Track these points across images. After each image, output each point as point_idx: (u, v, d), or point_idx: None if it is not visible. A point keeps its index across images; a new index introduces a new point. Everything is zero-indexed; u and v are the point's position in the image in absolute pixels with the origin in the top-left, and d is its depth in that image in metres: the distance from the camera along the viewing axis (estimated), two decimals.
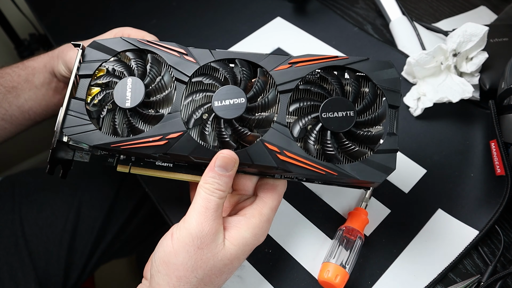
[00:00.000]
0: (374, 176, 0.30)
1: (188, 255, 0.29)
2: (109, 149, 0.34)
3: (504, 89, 0.43)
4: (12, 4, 0.91)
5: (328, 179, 0.33)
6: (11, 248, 0.59)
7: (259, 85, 0.33)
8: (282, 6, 0.64)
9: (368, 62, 0.33)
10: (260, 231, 0.32)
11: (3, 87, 0.49)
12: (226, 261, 0.31)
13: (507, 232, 0.41)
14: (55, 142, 0.34)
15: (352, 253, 0.37)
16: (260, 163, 0.31)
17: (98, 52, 0.36)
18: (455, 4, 0.64)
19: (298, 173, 0.31)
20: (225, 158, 0.30)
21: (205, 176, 0.31)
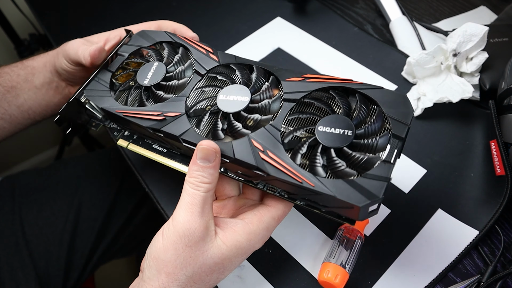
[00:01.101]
0: (354, 198, 0.27)
1: (176, 252, 0.29)
2: (113, 115, 0.36)
3: (504, 89, 0.43)
4: (12, 4, 0.91)
5: (306, 194, 0.30)
6: (12, 248, 0.59)
7: (265, 88, 0.34)
8: (282, 6, 0.64)
9: (382, 91, 0.31)
10: (256, 237, 0.31)
11: (1, 87, 0.49)
12: (217, 260, 0.30)
13: (507, 232, 0.41)
14: (73, 97, 0.38)
15: (352, 253, 0.37)
16: (240, 158, 0.30)
17: (141, 39, 0.41)
18: (455, 4, 0.64)
19: (275, 178, 0.30)
20: (205, 149, 0.30)
21: (189, 171, 0.31)
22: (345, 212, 0.29)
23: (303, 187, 0.28)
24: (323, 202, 0.30)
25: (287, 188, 0.31)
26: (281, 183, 0.30)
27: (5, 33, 0.96)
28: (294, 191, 0.30)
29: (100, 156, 0.72)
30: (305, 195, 0.30)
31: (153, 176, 0.47)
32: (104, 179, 0.67)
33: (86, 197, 0.64)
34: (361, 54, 0.57)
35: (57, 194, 0.64)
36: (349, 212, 0.29)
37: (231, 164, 0.32)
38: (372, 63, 0.55)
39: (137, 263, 1.05)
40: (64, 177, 0.66)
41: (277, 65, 0.56)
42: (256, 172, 0.30)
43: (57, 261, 0.60)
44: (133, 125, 0.36)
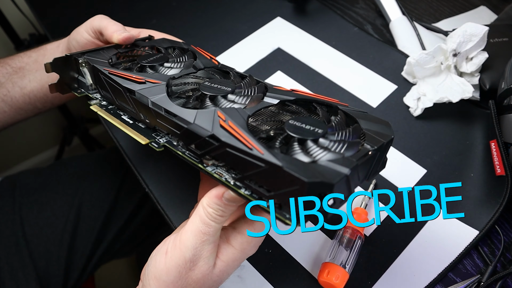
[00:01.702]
0: (302, 173, 0.24)
1: (179, 275, 0.29)
2: (100, 76, 0.37)
3: (504, 89, 0.43)
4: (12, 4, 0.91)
5: (253, 173, 0.27)
6: (12, 248, 0.59)
7: (247, 81, 0.34)
8: (282, 6, 0.64)
9: (366, 115, 0.31)
10: (249, 246, 0.31)
11: (10, 67, 0.49)
12: (215, 278, 0.31)
13: (507, 232, 0.41)
14: (74, 53, 0.39)
15: (352, 253, 0.37)
16: (199, 123, 0.29)
17: (160, 42, 0.44)
18: (455, 4, 0.64)
19: (225, 146, 0.27)
20: (234, 197, 0.29)
21: (210, 200, 0.29)
22: (286, 184, 0.25)
23: (251, 156, 0.26)
24: (268, 185, 0.26)
25: (235, 165, 0.28)
26: (231, 157, 0.27)
27: (5, 33, 0.96)
28: (241, 169, 0.28)
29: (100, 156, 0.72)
30: (252, 174, 0.27)
31: (153, 176, 0.47)
32: (104, 179, 0.67)
33: (86, 197, 0.64)
34: (361, 54, 0.57)
35: (57, 194, 0.64)
36: (289, 184, 0.25)
37: (183, 135, 0.31)
38: (372, 63, 0.55)
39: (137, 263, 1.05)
40: (64, 177, 0.66)
41: (277, 65, 0.56)
42: (208, 141, 0.28)
43: (57, 261, 0.60)
44: (114, 87, 0.35)
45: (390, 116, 0.50)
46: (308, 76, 0.55)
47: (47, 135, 1.25)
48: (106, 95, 0.38)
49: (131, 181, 0.67)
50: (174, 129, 0.31)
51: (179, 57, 0.40)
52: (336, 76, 0.54)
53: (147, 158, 0.49)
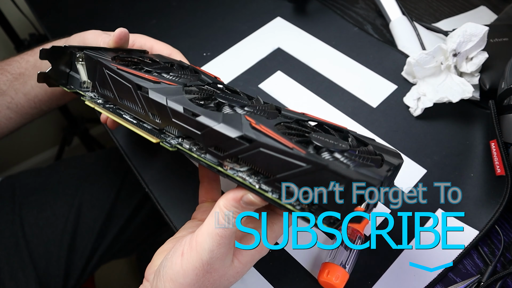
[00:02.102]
0: (344, 171, 0.24)
1: (196, 277, 0.29)
2: (106, 66, 0.35)
3: (504, 89, 0.43)
4: (12, 4, 0.91)
5: (285, 170, 0.26)
6: (12, 249, 0.59)
7: (257, 99, 0.34)
8: (282, 6, 0.64)
9: (373, 141, 0.31)
10: (265, 250, 0.32)
11: (10, 74, 0.48)
12: (231, 279, 0.31)
13: (507, 232, 0.41)
14: (72, 46, 0.38)
15: (352, 253, 0.37)
16: (227, 124, 0.28)
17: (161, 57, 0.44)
18: (455, 4, 0.64)
19: (259, 146, 0.26)
20: (252, 201, 0.28)
21: (227, 202, 0.29)
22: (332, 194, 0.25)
23: (291, 156, 0.25)
24: (306, 185, 0.26)
25: (266, 167, 0.27)
26: (263, 158, 0.27)
27: (5, 33, 0.96)
28: (274, 171, 0.27)
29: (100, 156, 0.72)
30: (289, 175, 0.26)
31: (153, 176, 0.47)
32: (104, 179, 0.67)
33: (86, 198, 0.64)
34: (361, 54, 0.57)
35: (57, 194, 0.64)
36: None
37: (205, 136, 0.29)
38: (372, 63, 0.55)
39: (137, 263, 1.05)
40: (64, 177, 0.66)
41: (277, 65, 0.56)
42: (238, 141, 0.27)
43: (57, 261, 0.60)
44: (120, 84, 0.34)
45: (390, 116, 0.50)
46: (308, 76, 0.55)
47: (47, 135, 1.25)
48: (105, 93, 0.37)
49: (131, 181, 0.67)
50: (194, 129, 0.30)
51: (182, 70, 0.39)
52: (336, 76, 0.54)
53: (147, 158, 0.49)
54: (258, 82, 0.55)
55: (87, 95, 0.38)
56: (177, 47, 0.60)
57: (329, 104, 0.52)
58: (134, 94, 0.33)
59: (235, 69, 0.56)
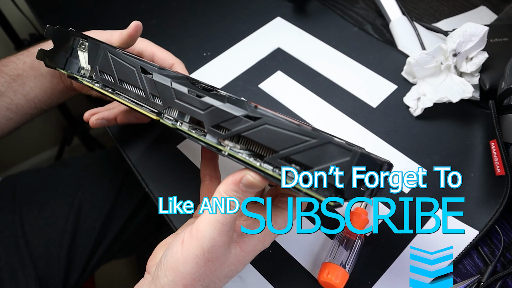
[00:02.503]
0: (350, 146, 0.25)
1: (197, 266, 0.29)
2: (110, 51, 0.36)
3: (504, 89, 0.43)
4: (12, 4, 0.91)
5: (291, 146, 0.26)
6: (12, 248, 0.59)
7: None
8: (282, 6, 0.64)
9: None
10: (270, 238, 0.32)
11: (7, 76, 0.48)
12: (232, 267, 0.30)
13: (507, 232, 0.41)
14: (76, 32, 0.39)
15: (352, 253, 0.37)
16: (232, 104, 0.29)
17: None
18: (455, 4, 0.64)
19: (266, 121, 0.27)
20: (252, 182, 0.28)
21: (227, 186, 0.28)
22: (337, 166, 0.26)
23: (297, 131, 0.26)
24: (311, 160, 0.26)
25: (271, 143, 0.27)
26: (268, 135, 0.27)
27: (5, 33, 0.96)
28: (279, 146, 0.27)
29: (100, 156, 0.72)
30: (294, 150, 0.26)
31: (153, 176, 0.47)
32: (104, 179, 0.67)
33: (86, 197, 0.64)
34: (361, 54, 0.57)
35: (57, 194, 0.64)
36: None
37: (209, 115, 0.30)
38: (372, 63, 0.55)
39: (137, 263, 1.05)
40: (64, 177, 0.66)
41: (277, 65, 0.56)
42: (242, 119, 0.28)
43: (57, 261, 0.60)
44: (123, 67, 0.34)
45: (390, 116, 0.50)
46: (308, 76, 0.55)
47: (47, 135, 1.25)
48: (104, 77, 0.37)
49: (131, 181, 0.67)
50: (197, 109, 0.30)
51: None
52: (336, 76, 0.54)
53: (147, 158, 0.49)
54: (258, 82, 0.55)
55: (84, 80, 0.39)
56: (177, 47, 0.60)
57: (329, 104, 0.52)
58: (137, 77, 0.34)
59: (235, 69, 0.57)
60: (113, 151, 0.72)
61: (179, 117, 0.32)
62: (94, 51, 0.37)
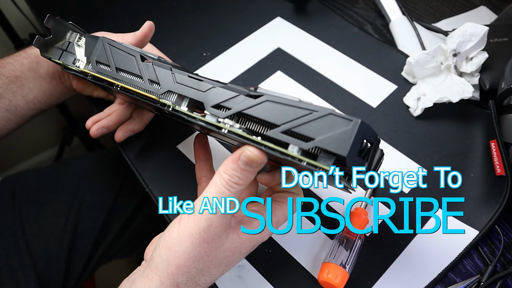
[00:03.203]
0: (349, 116, 0.26)
1: (192, 245, 0.28)
2: (110, 43, 0.36)
3: (504, 89, 0.43)
4: (12, 4, 0.91)
5: (292, 119, 0.27)
6: (12, 248, 0.59)
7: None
8: (282, 6, 0.64)
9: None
10: (267, 230, 0.32)
11: (5, 77, 0.48)
12: (228, 253, 0.30)
13: (507, 232, 0.41)
14: (74, 27, 0.39)
15: (352, 253, 0.37)
16: (232, 85, 0.30)
17: None
18: (455, 4, 0.64)
19: (268, 98, 0.28)
20: (252, 158, 0.27)
21: (226, 166, 0.28)
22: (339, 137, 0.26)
23: (299, 105, 0.27)
24: (312, 132, 0.26)
25: (273, 118, 0.28)
26: (269, 111, 0.28)
27: (5, 33, 0.96)
28: (280, 120, 0.27)
29: (100, 156, 0.72)
30: (295, 121, 0.27)
31: (153, 176, 0.47)
32: (104, 179, 0.67)
33: (86, 197, 0.64)
34: (361, 54, 0.57)
35: (57, 194, 0.64)
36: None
37: (208, 95, 0.30)
38: (372, 63, 0.55)
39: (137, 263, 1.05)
40: (64, 177, 0.66)
41: (277, 65, 0.56)
42: (244, 98, 0.29)
43: (57, 261, 0.60)
44: (122, 56, 0.35)
45: (390, 116, 0.50)
46: (308, 76, 0.55)
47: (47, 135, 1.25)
48: (101, 67, 0.37)
49: (131, 181, 0.67)
50: (198, 90, 0.31)
51: None
52: (336, 76, 0.54)
53: (147, 158, 0.49)
54: (258, 82, 0.55)
55: (78, 70, 0.39)
56: (177, 47, 0.60)
57: (329, 104, 0.52)
58: (136, 64, 0.34)
59: (235, 69, 0.57)
60: (113, 151, 0.72)
61: (177, 102, 0.32)
62: (92, 44, 0.38)
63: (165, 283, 0.29)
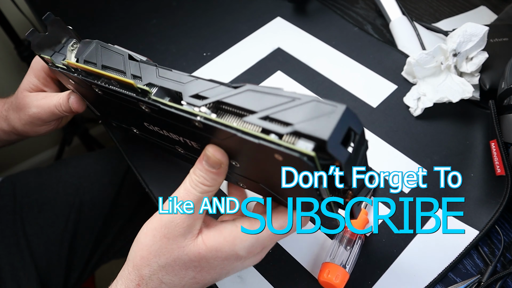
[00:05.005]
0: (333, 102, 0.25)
1: (154, 239, 0.30)
2: (104, 45, 0.37)
3: (504, 89, 0.43)
4: (12, 4, 0.91)
5: (278, 100, 0.26)
6: (13, 248, 0.59)
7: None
8: (282, 6, 0.64)
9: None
10: (242, 243, 0.29)
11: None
12: (192, 257, 0.29)
13: (507, 232, 0.41)
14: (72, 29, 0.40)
15: (352, 253, 0.37)
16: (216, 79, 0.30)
17: None
18: (455, 4, 0.64)
19: (252, 87, 0.27)
20: (210, 158, 0.28)
21: (195, 167, 0.30)
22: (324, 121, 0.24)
23: (281, 93, 0.26)
24: (293, 117, 0.25)
25: (253, 104, 0.27)
26: (249, 99, 0.27)
27: (5, 33, 0.96)
28: (260, 106, 0.26)
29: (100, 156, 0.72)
30: (276, 108, 0.26)
31: (153, 176, 0.47)
32: (104, 179, 0.67)
33: (86, 197, 0.64)
34: (361, 54, 0.57)
35: (58, 194, 0.64)
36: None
37: (191, 87, 0.30)
38: (372, 63, 0.55)
39: None
40: (64, 177, 0.67)
41: (277, 65, 0.56)
42: (226, 87, 0.29)
43: (58, 261, 0.60)
44: (114, 56, 0.35)
45: (390, 116, 0.50)
46: (308, 76, 0.55)
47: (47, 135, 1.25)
48: (88, 65, 0.37)
49: (131, 181, 0.67)
50: (179, 83, 0.31)
51: None
52: (336, 76, 0.54)
53: (147, 158, 0.49)
54: (258, 82, 0.55)
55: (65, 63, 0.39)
56: (177, 47, 0.60)
57: None
58: (123, 62, 0.35)
59: (235, 69, 0.57)
60: (113, 151, 0.72)
61: (159, 94, 0.32)
62: (84, 47, 0.38)
63: (132, 273, 0.31)
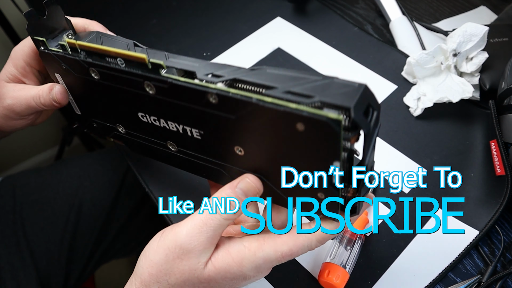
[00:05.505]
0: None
1: (166, 258, 0.29)
2: (101, 35, 0.37)
3: (504, 89, 0.43)
4: (12, 4, 0.91)
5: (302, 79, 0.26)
6: (13, 248, 0.59)
7: None
8: (282, 6, 0.64)
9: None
10: (250, 264, 0.29)
11: None
12: (202, 279, 0.29)
13: (507, 232, 0.41)
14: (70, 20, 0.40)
15: (352, 253, 0.37)
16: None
17: None
18: (455, 4, 0.64)
19: (269, 68, 0.27)
20: (249, 185, 0.28)
21: (222, 191, 0.28)
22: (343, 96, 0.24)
23: (299, 71, 0.26)
24: (315, 91, 0.24)
25: (268, 81, 0.26)
26: (268, 76, 0.26)
27: (5, 33, 0.96)
28: (276, 83, 0.26)
29: (100, 156, 0.72)
30: (299, 85, 0.25)
31: (153, 176, 0.47)
32: (104, 179, 0.67)
33: (86, 197, 0.64)
34: (361, 54, 0.57)
35: (58, 194, 0.64)
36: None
37: (202, 66, 0.29)
38: (372, 63, 0.55)
39: None
40: (64, 177, 0.66)
41: (277, 65, 0.56)
42: (239, 67, 0.28)
43: (58, 261, 0.60)
44: (112, 44, 0.35)
45: (390, 116, 0.50)
46: None
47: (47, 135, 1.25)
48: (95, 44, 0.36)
49: (131, 181, 0.67)
50: (192, 63, 0.31)
51: None
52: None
53: (147, 158, 0.49)
54: None
55: (56, 51, 0.38)
56: (177, 47, 0.60)
57: None
58: (127, 47, 0.35)
59: None
60: (113, 151, 0.72)
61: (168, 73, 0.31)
62: (83, 37, 0.38)
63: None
